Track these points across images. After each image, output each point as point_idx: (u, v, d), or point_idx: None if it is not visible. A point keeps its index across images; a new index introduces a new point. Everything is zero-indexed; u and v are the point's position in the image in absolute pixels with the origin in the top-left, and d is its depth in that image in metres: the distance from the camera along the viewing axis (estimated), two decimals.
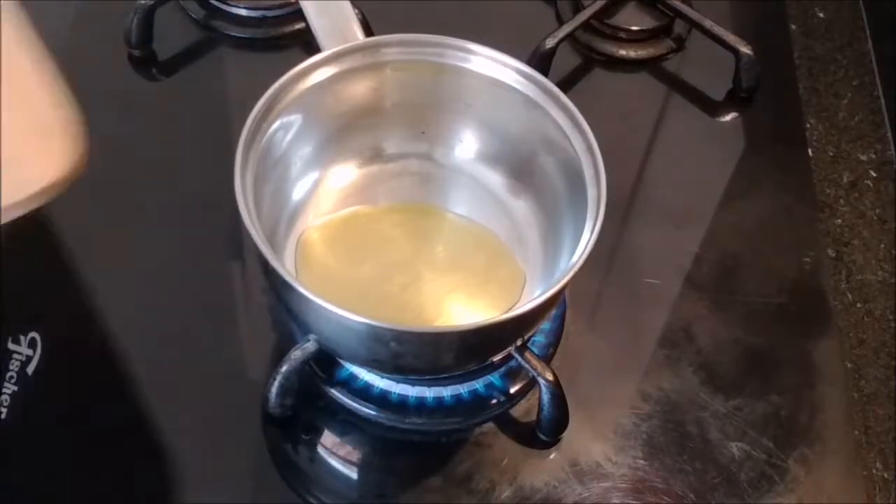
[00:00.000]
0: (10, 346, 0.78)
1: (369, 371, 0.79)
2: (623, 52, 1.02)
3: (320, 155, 0.82)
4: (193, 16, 1.00)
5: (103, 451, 0.77)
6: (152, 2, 0.95)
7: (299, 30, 0.98)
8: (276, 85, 0.76)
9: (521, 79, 0.79)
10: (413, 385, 0.79)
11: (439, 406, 0.79)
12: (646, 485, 0.77)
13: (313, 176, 0.83)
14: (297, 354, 0.75)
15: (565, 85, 0.97)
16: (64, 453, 0.76)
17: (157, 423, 0.78)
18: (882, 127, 1.00)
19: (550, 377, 0.75)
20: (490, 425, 0.80)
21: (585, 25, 1.00)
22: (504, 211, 0.84)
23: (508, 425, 0.80)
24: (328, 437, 0.79)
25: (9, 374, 0.77)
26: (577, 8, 1.02)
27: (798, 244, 0.91)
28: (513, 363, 0.78)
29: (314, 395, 0.79)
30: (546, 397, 0.76)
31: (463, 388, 0.79)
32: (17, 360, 0.77)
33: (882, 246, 0.93)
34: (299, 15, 0.86)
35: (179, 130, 0.93)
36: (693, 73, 1.02)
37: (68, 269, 0.85)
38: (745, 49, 0.98)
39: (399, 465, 0.78)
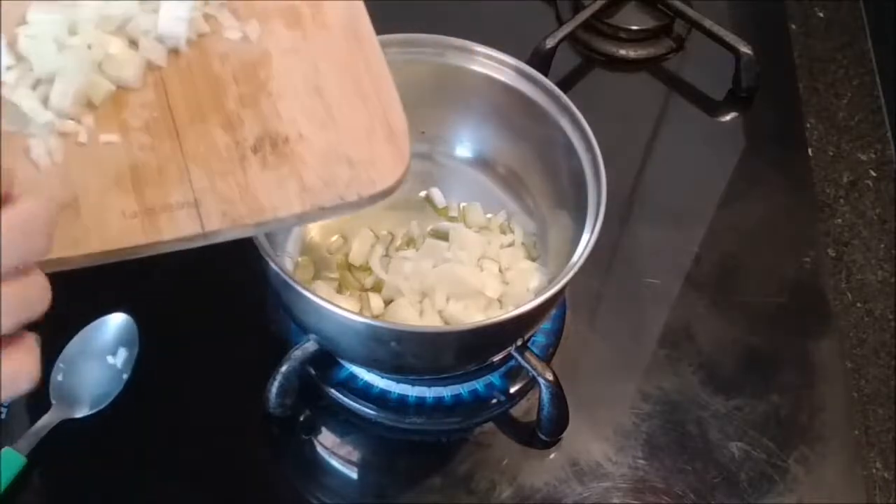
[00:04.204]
0: None
1: (369, 371, 0.79)
2: (623, 52, 1.02)
3: None
4: None
5: (102, 451, 0.77)
6: None
7: None
8: None
9: (521, 79, 0.79)
10: (413, 385, 0.79)
11: (439, 406, 0.79)
12: (646, 485, 0.77)
13: None
14: (297, 354, 0.75)
15: (565, 85, 0.97)
16: (62, 453, 0.76)
17: (156, 424, 0.78)
18: (882, 127, 1.00)
19: (550, 377, 0.75)
20: (490, 425, 0.80)
21: (585, 25, 1.00)
22: (504, 210, 0.84)
23: (508, 425, 0.80)
24: (328, 437, 0.79)
25: None
26: (577, 8, 1.02)
27: (798, 244, 0.91)
28: (513, 363, 0.78)
29: (314, 395, 0.79)
30: (546, 397, 0.76)
31: (463, 388, 0.79)
32: None
33: (882, 246, 0.93)
34: None
35: None
36: (693, 73, 1.02)
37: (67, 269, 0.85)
38: (745, 49, 0.98)
39: (399, 465, 0.78)
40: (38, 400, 0.76)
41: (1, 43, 0.58)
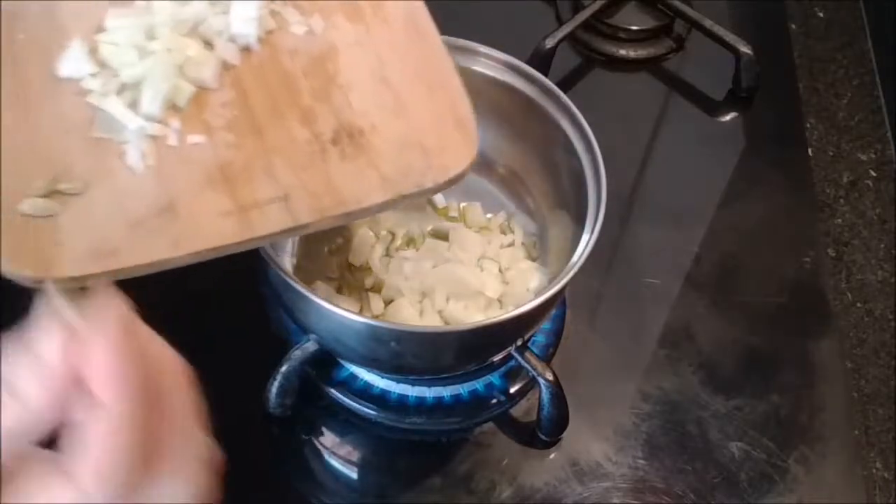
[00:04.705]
0: None
1: (369, 371, 0.79)
2: (623, 52, 1.02)
3: None
4: None
5: None
6: None
7: None
8: None
9: (521, 79, 0.79)
10: (413, 385, 0.79)
11: (439, 406, 0.79)
12: (646, 485, 0.77)
13: None
14: (297, 354, 0.75)
15: (565, 85, 0.97)
16: None
17: None
18: (882, 127, 1.00)
19: (550, 377, 0.75)
20: (490, 425, 0.80)
21: (585, 25, 1.00)
22: (504, 210, 0.84)
23: (508, 425, 0.80)
24: (328, 437, 0.79)
25: None
26: (577, 8, 1.02)
27: (798, 244, 0.91)
28: (513, 363, 0.78)
29: (314, 395, 0.79)
30: (546, 397, 0.76)
31: (463, 388, 0.79)
32: None
33: (882, 246, 0.93)
34: None
35: None
36: (693, 73, 1.02)
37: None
38: (745, 49, 0.98)
39: (399, 465, 0.78)
40: None
41: (82, 50, 0.59)
